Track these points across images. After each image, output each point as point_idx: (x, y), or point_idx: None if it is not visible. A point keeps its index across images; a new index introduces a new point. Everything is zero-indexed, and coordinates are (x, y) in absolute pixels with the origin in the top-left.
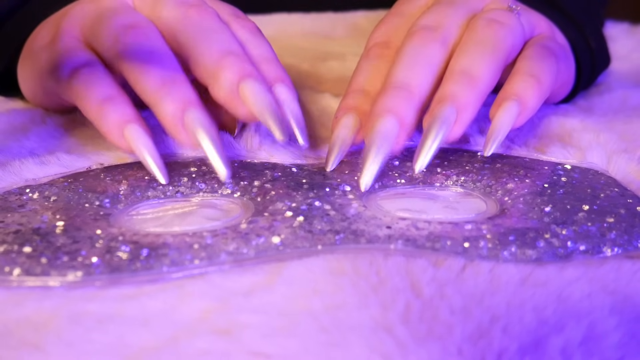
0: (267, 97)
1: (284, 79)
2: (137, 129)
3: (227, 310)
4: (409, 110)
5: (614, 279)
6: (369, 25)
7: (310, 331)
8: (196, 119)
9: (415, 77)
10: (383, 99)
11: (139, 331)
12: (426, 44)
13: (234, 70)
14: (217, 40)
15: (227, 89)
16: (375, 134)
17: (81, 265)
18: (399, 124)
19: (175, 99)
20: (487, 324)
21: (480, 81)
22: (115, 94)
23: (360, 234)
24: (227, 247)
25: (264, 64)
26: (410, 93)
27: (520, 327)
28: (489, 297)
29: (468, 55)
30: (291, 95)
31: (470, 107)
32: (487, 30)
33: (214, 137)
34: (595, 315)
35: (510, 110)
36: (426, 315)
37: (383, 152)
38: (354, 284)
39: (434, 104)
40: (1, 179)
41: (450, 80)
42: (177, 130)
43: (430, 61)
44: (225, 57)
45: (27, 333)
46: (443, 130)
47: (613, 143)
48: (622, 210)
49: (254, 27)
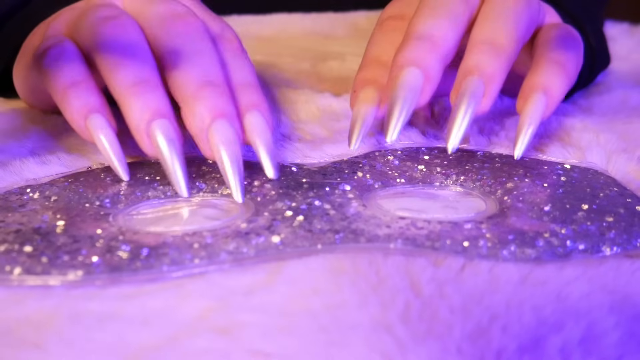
0: (234, 149)
1: (259, 105)
2: (100, 119)
3: (227, 309)
4: (434, 61)
5: (613, 278)
6: (369, 25)
7: (310, 330)
8: (162, 129)
9: (439, 28)
10: (405, 49)
11: (139, 330)
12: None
13: (208, 106)
14: (198, 63)
15: (197, 125)
16: (399, 86)
17: (81, 265)
18: (423, 76)
19: (144, 104)
20: (486, 323)
21: (505, 50)
22: (82, 79)
23: (360, 233)
24: (227, 246)
25: (242, 90)
26: (434, 44)
27: (519, 326)
28: (488, 296)
29: (491, 23)
30: (263, 124)
31: (497, 78)
32: (507, 1)
33: (176, 152)
34: (594, 314)
35: (539, 102)
36: (426, 314)
37: (408, 105)
38: (354, 283)
39: (460, 76)
40: (2, 179)
41: (475, 50)
42: (140, 137)
43: (454, 14)
44: (203, 87)
45: (28, 332)
46: (473, 104)
47: (612, 143)
48: (622, 209)
49: (239, 49)
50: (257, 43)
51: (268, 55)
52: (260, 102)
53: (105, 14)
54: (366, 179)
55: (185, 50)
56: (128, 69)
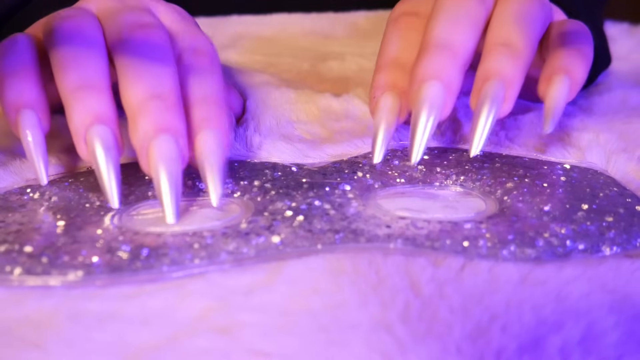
0: (173, 168)
1: (215, 123)
2: (31, 116)
3: (227, 309)
4: (455, 72)
5: (613, 277)
6: (369, 25)
7: (310, 330)
8: (99, 136)
9: (459, 34)
10: (425, 60)
11: (139, 330)
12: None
13: (152, 120)
14: (149, 75)
15: (138, 140)
16: (422, 102)
17: (82, 265)
18: (445, 89)
19: (85, 109)
20: (486, 323)
21: (522, 53)
22: (23, 70)
23: (360, 233)
24: (227, 246)
25: (198, 106)
26: (454, 52)
27: (519, 326)
28: (488, 296)
29: (507, 26)
30: (214, 144)
31: (516, 82)
32: (521, 4)
33: (112, 160)
34: (594, 314)
35: (563, 83)
36: (425, 314)
37: (432, 121)
38: (354, 283)
39: (479, 80)
40: (2, 179)
41: (494, 53)
42: (77, 141)
43: (472, 18)
44: (149, 100)
45: (28, 332)
46: (495, 109)
47: (612, 143)
48: (621, 209)
49: (208, 63)
50: (257, 43)
51: (268, 55)
52: (217, 120)
53: (65, 14)
54: (366, 179)
55: (137, 61)
56: (75, 71)
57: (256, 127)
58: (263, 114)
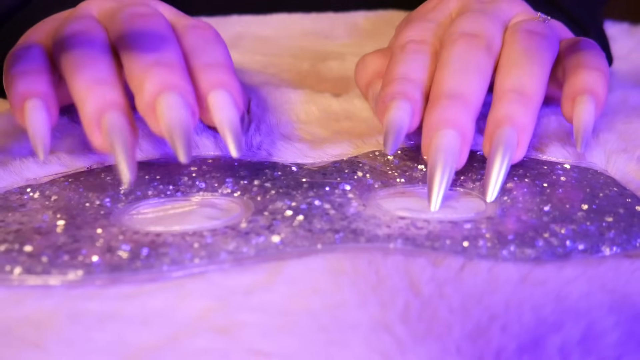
0: (180, 113)
1: (226, 83)
2: (39, 102)
3: (227, 309)
4: (468, 121)
5: (613, 278)
6: (369, 25)
7: (310, 330)
8: (113, 121)
9: (469, 85)
10: (438, 109)
11: (139, 330)
12: (473, 50)
13: (155, 81)
14: (150, 49)
15: (145, 102)
16: (438, 150)
17: (82, 264)
18: (460, 137)
19: (99, 98)
20: (485, 323)
21: (534, 98)
22: (35, 71)
23: (360, 233)
24: (227, 246)
25: (206, 71)
26: (467, 102)
27: (519, 326)
28: (487, 296)
29: (516, 70)
30: (227, 100)
31: (528, 127)
32: (530, 43)
33: (127, 143)
34: (593, 314)
35: (590, 103)
36: (425, 314)
37: (449, 169)
38: (354, 283)
39: (491, 126)
40: (2, 179)
41: (505, 100)
42: (91, 131)
43: (480, 68)
44: (151, 67)
45: (28, 332)
46: (509, 155)
47: (612, 143)
48: (621, 209)
49: (212, 35)
50: (257, 43)
51: (268, 55)
52: (229, 81)
53: (72, 22)
54: (366, 179)
55: (141, 47)
56: (88, 70)
57: (256, 127)
58: (263, 114)
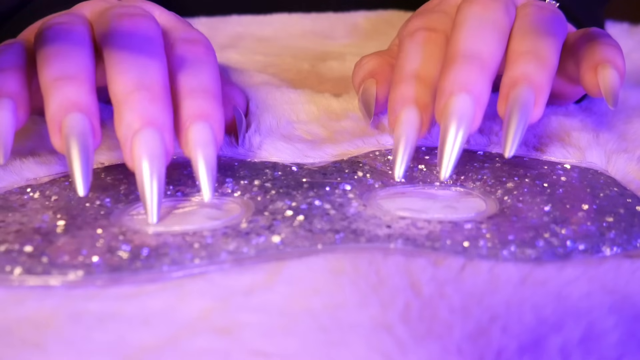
0: (152, 161)
1: (208, 116)
2: (7, 103)
3: (227, 309)
4: (484, 84)
5: (613, 278)
6: (369, 25)
7: (310, 330)
8: (74, 124)
9: (487, 44)
10: (453, 71)
11: (139, 330)
12: (491, 8)
13: (136, 112)
14: (135, 65)
15: (123, 133)
16: (451, 116)
17: (82, 265)
18: (474, 101)
19: (63, 97)
20: (486, 323)
21: (549, 61)
22: (9, 68)
23: (360, 233)
24: (228, 246)
25: (189, 98)
26: (483, 63)
27: (519, 326)
28: (488, 296)
29: (533, 36)
30: (206, 137)
31: (545, 88)
32: (542, 15)
33: (85, 149)
34: (594, 314)
35: (612, 70)
36: (426, 314)
37: (462, 135)
38: (354, 283)
39: (506, 87)
40: (2, 179)
41: (521, 60)
42: (52, 131)
43: (498, 26)
44: (134, 92)
45: (28, 332)
46: (526, 114)
47: (612, 143)
48: (622, 209)
49: (203, 52)
50: (257, 43)
51: (268, 55)
52: (210, 112)
53: (55, 17)
54: (366, 179)
55: (124, 50)
56: (57, 63)
57: (256, 127)
58: (263, 114)
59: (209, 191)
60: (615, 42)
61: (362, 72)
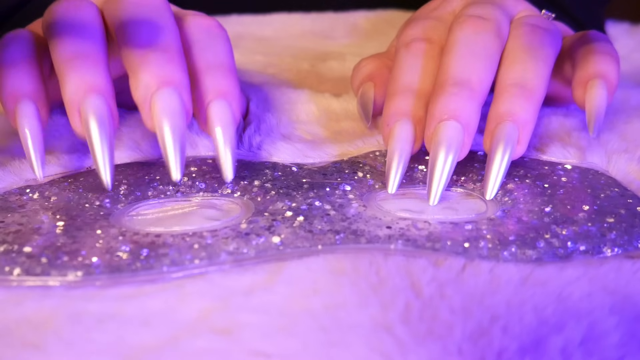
0: (172, 119)
1: (227, 93)
2: (29, 106)
3: (227, 309)
4: (473, 111)
5: (614, 278)
6: (369, 25)
7: (310, 331)
8: (94, 107)
9: (476, 71)
10: (443, 98)
11: (139, 331)
12: (481, 34)
13: (153, 72)
14: (147, 29)
15: (141, 94)
16: (440, 143)
17: (81, 265)
18: (463, 129)
19: (79, 79)
20: (487, 324)
21: (536, 93)
22: (23, 62)
23: (361, 233)
24: (227, 246)
25: (208, 73)
26: (472, 90)
27: (520, 327)
28: (489, 297)
29: (519, 64)
30: (226, 115)
31: (530, 123)
32: (533, 37)
33: (105, 131)
34: (595, 315)
35: (601, 88)
36: (426, 314)
37: (450, 162)
38: (354, 284)
39: (492, 122)
40: (1, 179)
41: (507, 95)
42: (71, 114)
43: (488, 54)
44: (149, 53)
45: (27, 333)
46: (509, 152)
47: (613, 143)
48: (622, 210)
49: (214, 26)
50: (257, 43)
51: (268, 55)
52: (230, 89)
53: (63, 2)
54: (367, 179)
55: (135, 18)
56: (70, 43)
57: (256, 127)
58: (263, 114)
59: (230, 171)
60: (612, 48)
61: (360, 75)
